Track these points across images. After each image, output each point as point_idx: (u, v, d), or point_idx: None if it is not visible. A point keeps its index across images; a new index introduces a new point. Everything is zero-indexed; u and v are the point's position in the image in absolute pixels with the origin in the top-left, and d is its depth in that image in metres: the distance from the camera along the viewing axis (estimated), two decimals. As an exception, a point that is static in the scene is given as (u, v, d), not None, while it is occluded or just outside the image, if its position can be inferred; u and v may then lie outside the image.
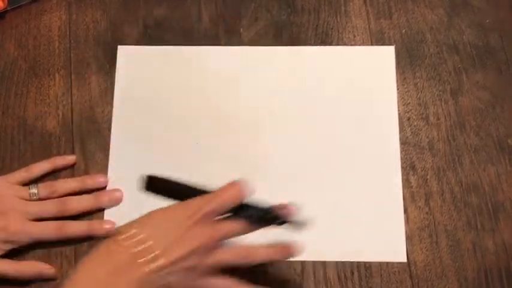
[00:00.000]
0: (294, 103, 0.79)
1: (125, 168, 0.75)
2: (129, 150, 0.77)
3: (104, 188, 0.74)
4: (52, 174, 0.75)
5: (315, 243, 0.72)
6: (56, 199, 0.72)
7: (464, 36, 0.82)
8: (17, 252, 0.70)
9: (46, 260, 0.71)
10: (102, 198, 0.73)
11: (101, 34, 0.83)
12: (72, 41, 0.82)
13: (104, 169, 0.75)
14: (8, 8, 0.83)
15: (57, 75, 0.81)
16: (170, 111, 0.78)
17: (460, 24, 0.83)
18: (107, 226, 0.71)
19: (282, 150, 0.76)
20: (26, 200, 0.71)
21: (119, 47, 0.82)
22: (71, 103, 0.79)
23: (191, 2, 0.85)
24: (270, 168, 0.75)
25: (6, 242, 0.68)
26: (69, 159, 0.75)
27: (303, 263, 0.71)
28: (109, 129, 0.78)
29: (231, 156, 0.76)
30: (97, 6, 0.84)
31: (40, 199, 0.72)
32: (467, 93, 0.79)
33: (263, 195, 0.74)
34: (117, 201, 0.74)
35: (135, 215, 0.63)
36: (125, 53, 0.82)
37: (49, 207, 0.71)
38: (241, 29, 0.83)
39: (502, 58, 0.81)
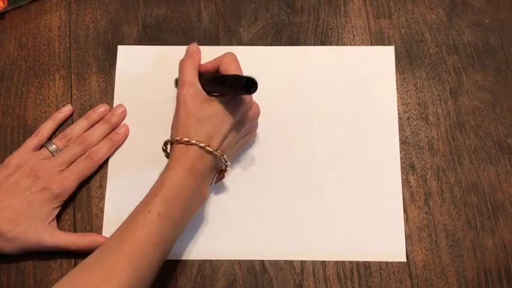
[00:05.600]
0: (293, 103, 0.79)
1: (125, 165, 0.76)
2: (129, 149, 0.77)
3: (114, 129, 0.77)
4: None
5: (315, 243, 0.72)
6: (74, 140, 0.75)
7: (463, 36, 0.82)
8: (13, 255, 0.70)
9: (46, 260, 0.71)
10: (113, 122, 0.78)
11: (101, 34, 0.83)
12: (72, 41, 0.83)
13: (104, 166, 0.76)
14: (8, 8, 0.83)
15: (57, 75, 0.81)
16: (170, 111, 0.78)
17: (460, 24, 0.83)
18: (122, 130, 0.77)
19: (282, 149, 0.76)
20: (50, 158, 0.74)
21: (119, 47, 0.82)
22: (71, 103, 0.79)
23: (191, 2, 0.85)
24: (269, 168, 0.75)
25: (55, 198, 0.71)
26: (66, 110, 0.78)
27: (303, 262, 0.71)
28: (109, 129, 0.78)
29: (230, 156, 0.76)
30: (97, 6, 0.84)
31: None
32: (467, 93, 0.79)
33: (263, 193, 0.74)
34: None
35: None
36: (125, 53, 0.82)
37: (73, 149, 0.74)
38: (241, 29, 0.83)
39: (501, 58, 0.81)
